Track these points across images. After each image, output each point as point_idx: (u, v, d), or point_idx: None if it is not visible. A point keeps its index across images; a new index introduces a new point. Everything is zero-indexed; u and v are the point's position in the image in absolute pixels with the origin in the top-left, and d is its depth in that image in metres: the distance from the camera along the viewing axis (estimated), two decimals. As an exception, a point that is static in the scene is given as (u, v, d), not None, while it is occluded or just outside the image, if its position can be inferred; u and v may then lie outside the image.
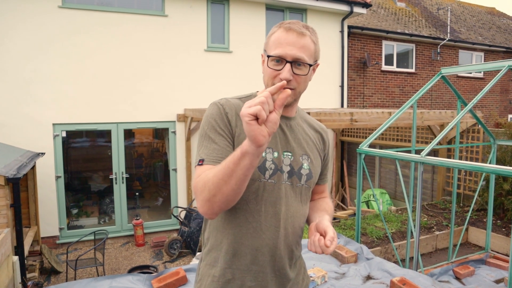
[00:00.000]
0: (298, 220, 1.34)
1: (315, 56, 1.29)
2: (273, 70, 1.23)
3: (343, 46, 8.89)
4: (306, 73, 1.24)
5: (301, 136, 1.38)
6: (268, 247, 1.27)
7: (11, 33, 6.16)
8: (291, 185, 1.31)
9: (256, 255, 1.27)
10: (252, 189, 1.24)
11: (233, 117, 1.26)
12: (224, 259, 1.28)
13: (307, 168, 1.35)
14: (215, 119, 1.25)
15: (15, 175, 3.92)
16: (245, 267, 1.27)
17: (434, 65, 11.44)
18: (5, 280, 3.52)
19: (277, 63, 1.22)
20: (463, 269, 4.17)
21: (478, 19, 14.67)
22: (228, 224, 1.28)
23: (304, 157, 1.35)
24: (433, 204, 6.78)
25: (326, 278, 2.81)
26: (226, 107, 1.27)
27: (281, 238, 1.28)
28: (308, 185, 1.36)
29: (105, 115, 6.82)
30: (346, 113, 5.53)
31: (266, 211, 1.26)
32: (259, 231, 1.26)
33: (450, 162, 3.25)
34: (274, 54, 1.21)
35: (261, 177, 1.24)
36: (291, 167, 1.31)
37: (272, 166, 1.27)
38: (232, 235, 1.27)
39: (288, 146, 1.32)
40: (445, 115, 6.50)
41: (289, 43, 1.21)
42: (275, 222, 1.27)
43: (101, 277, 2.68)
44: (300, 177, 1.33)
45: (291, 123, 1.37)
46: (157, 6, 7.16)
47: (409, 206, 3.79)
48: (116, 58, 6.84)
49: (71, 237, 6.65)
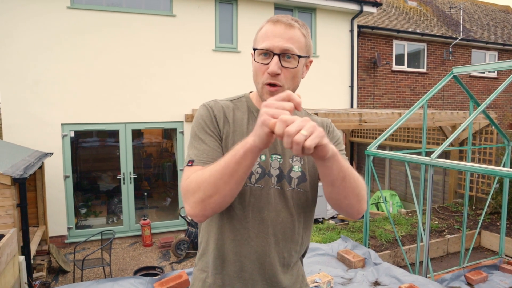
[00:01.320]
0: (290, 226, 1.25)
1: (307, 50, 1.20)
2: (261, 65, 1.16)
3: (352, 45, 8.78)
4: (295, 66, 1.16)
5: None
6: (256, 254, 1.22)
7: (20, 34, 6.20)
8: (281, 189, 1.23)
9: (244, 262, 1.23)
10: (239, 194, 1.17)
11: (221, 119, 1.23)
12: (214, 264, 1.25)
13: (299, 170, 1.26)
14: (204, 120, 1.22)
15: (22, 175, 3.92)
16: (235, 273, 1.23)
17: (446, 65, 11.24)
18: (11, 280, 3.52)
19: (264, 56, 1.16)
20: (475, 274, 4.05)
21: (492, 17, 14.39)
22: (218, 229, 1.24)
23: (294, 158, 1.26)
24: (445, 207, 6.63)
25: (332, 284, 2.73)
26: (215, 109, 1.24)
27: (271, 246, 1.23)
28: (301, 189, 1.26)
29: (113, 115, 6.83)
30: (355, 114, 5.44)
31: (253, 217, 1.21)
32: (247, 238, 1.21)
33: (461, 165, 3.15)
34: (261, 47, 1.15)
35: (247, 182, 1.19)
36: (280, 170, 1.24)
37: (259, 169, 1.21)
38: (220, 240, 1.23)
39: (277, 148, 1.25)
40: (457, 116, 6.36)
41: (276, 35, 1.14)
42: (263, 229, 1.21)
43: (103, 279, 2.65)
44: (290, 180, 1.25)
45: None
46: (165, 6, 7.15)
47: (418, 209, 3.69)
48: (124, 58, 6.85)
49: (79, 237, 6.67)
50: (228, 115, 1.24)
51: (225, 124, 1.23)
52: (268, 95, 1.15)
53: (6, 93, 6.18)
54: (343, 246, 3.39)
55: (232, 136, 1.22)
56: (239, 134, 1.21)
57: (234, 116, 1.25)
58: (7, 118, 6.23)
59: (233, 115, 1.25)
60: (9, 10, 6.11)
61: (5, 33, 6.11)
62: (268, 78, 1.15)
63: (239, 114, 1.26)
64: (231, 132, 1.22)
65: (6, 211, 3.83)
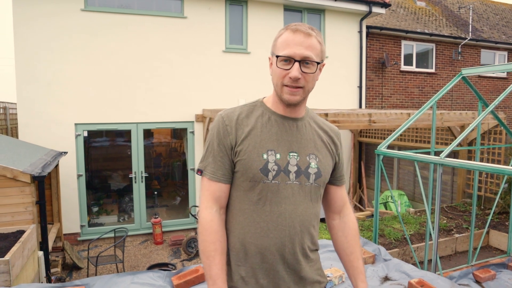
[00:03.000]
0: (308, 218, 1.38)
1: (321, 56, 1.35)
2: (282, 70, 1.29)
3: (361, 46, 8.83)
4: (314, 71, 1.31)
5: (308, 136, 1.42)
6: (276, 246, 1.32)
7: (35, 36, 6.35)
8: (300, 185, 1.35)
9: (265, 253, 1.33)
10: (256, 190, 1.32)
11: (233, 128, 1.36)
12: (237, 257, 1.36)
13: (315, 167, 1.39)
14: (217, 132, 1.37)
15: (40, 173, 4.05)
16: (256, 265, 1.33)
17: (454, 65, 11.23)
18: (31, 274, 3.65)
19: (285, 63, 1.29)
20: (483, 272, 4.09)
21: (501, 17, 14.32)
22: (237, 225, 1.36)
23: (311, 156, 1.39)
24: (453, 206, 6.67)
25: (344, 279, 2.81)
26: (227, 119, 1.37)
27: (289, 237, 1.34)
28: (318, 184, 1.40)
29: (125, 115, 6.96)
30: (364, 114, 5.50)
31: (271, 211, 1.32)
32: (266, 230, 1.32)
33: (470, 164, 3.21)
34: (283, 54, 1.28)
35: (264, 179, 1.31)
36: (298, 166, 1.36)
37: (275, 167, 1.33)
38: (242, 235, 1.35)
39: (293, 147, 1.37)
40: (465, 116, 6.39)
41: (296, 43, 1.27)
42: (282, 221, 1.33)
43: (123, 273, 2.75)
44: (308, 176, 1.37)
45: (298, 123, 1.41)
46: (176, 8, 7.27)
47: (428, 208, 3.75)
48: (135, 59, 6.97)
49: (92, 234, 6.81)
50: (241, 122, 1.37)
51: (237, 132, 1.36)
52: (288, 95, 1.32)
53: (22, 93, 6.35)
54: (353, 243, 3.47)
55: (247, 138, 1.34)
56: (254, 137, 1.34)
57: (248, 121, 1.38)
58: (23, 117, 6.39)
59: (247, 121, 1.38)
60: (24, 12, 6.26)
61: (20, 35, 6.27)
62: (289, 81, 1.30)
63: (253, 119, 1.38)
64: (245, 135, 1.35)
65: (26, 208, 3.96)
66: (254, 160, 1.31)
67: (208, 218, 1.32)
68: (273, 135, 1.36)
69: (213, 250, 1.29)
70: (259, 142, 1.34)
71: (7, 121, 8.73)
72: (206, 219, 1.32)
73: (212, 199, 1.35)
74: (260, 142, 1.34)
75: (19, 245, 3.32)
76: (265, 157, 1.32)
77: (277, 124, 1.38)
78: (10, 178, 3.88)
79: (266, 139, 1.35)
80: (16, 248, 3.24)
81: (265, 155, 1.32)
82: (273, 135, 1.36)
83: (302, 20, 8.30)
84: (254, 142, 1.34)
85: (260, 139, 1.34)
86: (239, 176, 1.34)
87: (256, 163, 1.31)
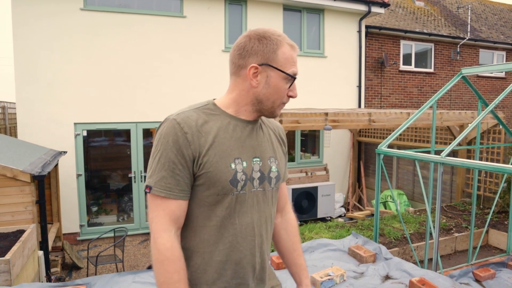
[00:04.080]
0: (270, 223, 1.35)
1: None
2: (286, 89, 1.24)
3: (360, 46, 8.84)
4: None
5: (266, 138, 1.34)
6: (246, 258, 1.25)
7: (34, 35, 6.33)
8: (263, 191, 1.29)
9: (236, 269, 1.24)
10: (225, 204, 1.20)
11: (194, 136, 1.17)
12: (204, 278, 1.24)
13: (276, 170, 1.33)
14: (173, 141, 1.16)
15: (40, 173, 4.05)
16: (227, 283, 1.24)
17: (453, 65, 11.26)
18: (32, 274, 3.65)
19: (287, 81, 1.23)
20: (483, 271, 4.11)
21: (500, 17, 14.36)
22: (201, 243, 1.23)
23: (271, 159, 1.33)
24: (452, 206, 6.68)
25: (345, 277, 2.82)
26: (185, 126, 1.17)
27: (258, 246, 1.28)
28: (276, 187, 1.35)
29: (125, 114, 6.95)
30: (364, 114, 5.51)
31: (240, 223, 1.23)
32: (236, 244, 1.23)
33: (471, 163, 3.22)
34: (291, 73, 1.22)
35: (233, 190, 1.20)
36: (261, 172, 1.28)
37: (243, 177, 1.22)
38: (208, 254, 1.22)
39: (256, 151, 1.28)
40: (465, 116, 6.41)
41: (295, 61, 1.23)
42: (249, 232, 1.25)
43: (124, 272, 2.75)
44: (270, 181, 1.31)
45: (256, 126, 1.31)
46: (176, 7, 7.26)
47: (428, 207, 3.76)
48: (135, 58, 6.97)
49: (91, 234, 6.80)
50: (202, 129, 1.19)
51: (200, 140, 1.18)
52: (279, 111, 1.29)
53: (21, 93, 6.33)
54: (354, 242, 3.48)
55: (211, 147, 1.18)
56: (219, 145, 1.19)
57: (207, 128, 1.20)
58: (22, 117, 6.37)
59: (206, 127, 1.20)
60: (23, 12, 6.25)
61: (19, 35, 6.25)
62: (287, 100, 1.27)
63: (212, 125, 1.22)
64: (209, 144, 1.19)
65: (25, 207, 3.95)
66: (223, 171, 1.18)
67: (167, 245, 1.14)
68: (237, 141, 1.23)
69: (177, 281, 1.13)
70: (225, 150, 1.20)
71: (5, 120, 8.71)
72: (165, 245, 1.13)
73: (169, 220, 1.16)
74: (225, 151, 1.20)
75: (20, 245, 3.32)
76: (233, 166, 1.20)
77: (239, 129, 1.25)
78: (10, 177, 3.87)
79: (231, 147, 1.22)
80: (17, 248, 3.23)
81: (233, 164, 1.20)
82: (236, 141, 1.23)
83: (302, 20, 8.30)
84: (220, 151, 1.19)
85: (225, 147, 1.20)
86: (203, 190, 1.19)
87: (225, 174, 1.18)
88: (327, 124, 5.31)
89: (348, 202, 8.78)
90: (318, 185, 7.15)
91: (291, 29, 8.23)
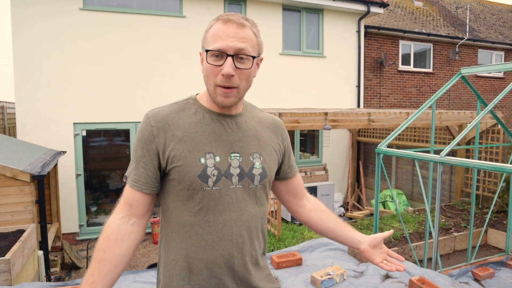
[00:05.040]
0: (255, 223, 1.26)
1: (258, 49, 1.21)
2: (214, 66, 1.15)
3: (359, 46, 8.86)
4: (249, 66, 1.16)
5: (251, 132, 1.28)
6: (223, 258, 1.19)
7: (34, 35, 6.33)
8: (244, 188, 1.22)
9: (212, 268, 1.19)
10: (196, 199, 1.17)
11: (160, 130, 1.19)
12: (180, 276, 1.21)
13: (260, 167, 1.25)
14: (141, 134, 1.21)
15: (40, 173, 4.04)
16: (203, 281, 1.20)
17: (452, 65, 11.29)
18: (31, 273, 3.65)
19: (217, 58, 1.14)
20: (482, 271, 4.12)
21: (498, 17, 14.40)
22: (177, 239, 1.21)
23: (255, 155, 1.26)
24: (451, 206, 6.70)
25: (345, 276, 2.83)
26: (153, 120, 1.20)
27: (238, 247, 1.21)
28: (262, 185, 1.27)
29: (124, 114, 6.95)
30: (363, 113, 5.52)
31: (215, 220, 1.18)
32: (211, 242, 1.19)
33: (471, 162, 3.23)
34: (214, 47, 1.13)
35: (204, 186, 1.17)
36: (241, 168, 1.22)
37: (215, 172, 1.18)
38: (184, 249, 1.20)
39: (235, 147, 1.23)
40: (464, 116, 6.43)
41: (229, 35, 1.13)
42: (227, 231, 1.20)
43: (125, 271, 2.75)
44: (253, 178, 1.24)
45: (237, 120, 1.27)
46: (175, 7, 7.27)
47: (428, 206, 3.77)
48: (134, 58, 6.96)
49: (90, 234, 6.80)
50: (171, 123, 1.20)
51: (166, 135, 1.19)
52: (222, 97, 1.17)
53: (21, 92, 6.32)
54: (354, 241, 3.49)
55: (180, 142, 1.18)
56: (188, 140, 1.19)
57: (180, 121, 1.21)
58: (21, 117, 6.36)
59: (178, 121, 1.21)
60: (22, 11, 6.24)
61: (19, 34, 6.24)
62: (222, 80, 1.15)
63: (186, 119, 1.22)
64: (178, 138, 1.19)
65: (25, 207, 3.95)
66: (191, 166, 1.16)
67: (108, 223, 1.18)
68: (210, 136, 1.21)
69: (95, 258, 1.15)
70: (195, 144, 1.18)
71: (4, 120, 8.69)
72: (107, 224, 1.18)
73: (124, 205, 1.20)
74: (196, 145, 1.18)
75: (20, 244, 3.32)
76: (203, 161, 1.17)
77: (214, 123, 1.23)
78: (9, 177, 3.87)
79: (203, 141, 1.19)
80: (17, 247, 3.23)
81: (202, 159, 1.17)
82: (210, 136, 1.21)
83: (301, 20, 8.32)
84: (189, 145, 1.18)
85: (195, 142, 1.19)
86: (175, 185, 1.19)
87: (193, 169, 1.16)
88: (327, 124, 5.32)
89: (347, 202, 8.79)
90: (317, 185, 7.16)
91: (291, 29, 8.25)
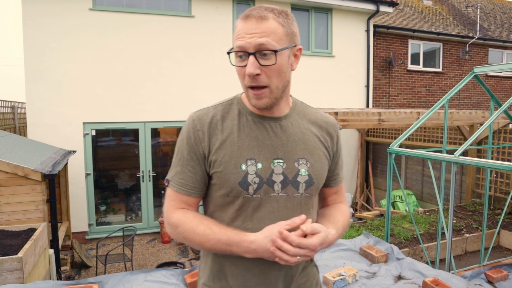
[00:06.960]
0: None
1: (289, 39, 1.11)
2: (240, 68, 1.09)
3: (368, 45, 8.80)
4: (274, 62, 1.06)
5: (297, 136, 1.19)
6: (259, 268, 1.15)
7: (44, 36, 6.38)
8: (287, 196, 1.15)
9: (247, 276, 1.17)
10: (235, 206, 1.14)
11: (205, 134, 1.16)
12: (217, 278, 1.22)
13: (306, 173, 1.17)
14: (187, 137, 1.18)
15: (51, 172, 4.06)
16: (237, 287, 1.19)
17: (462, 64, 11.16)
18: (43, 272, 3.66)
19: (241, 58, 1.08)
20: (495, 273, 4.05)
21: (509, 16, 14.22)
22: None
23: (300, 161, 1.17)
24: (462, 206, 6.62)
25: (357, 277, 2.80)
26: (198, 123, 1.17)
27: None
28: (309, 193, 1.19)
29: (133, 114, 6.97)
30: (374, 113, 5.47)
31: (253, 228, 1.12)
32: None
33: (486, 163, 3.18)
34: (234, 48, 1.07)
35: (243, 193, 1.12)
36: (284, 175, 1.15)
37: (257, 179, 1.12)
38: (220, 257, 1.19)
39: (278, 153, 1.16)
40: (475, 115, 6.35)
41: (248, 31, 1.05)
42: None
43: (136, 271, 2.75)
44: (298, 185, 1.16)
45: (282, 123, 1.19)
46: (184, 7, 7.27)
47: (440, 206, 3.72)
48: (143, 58, 6.98)
49: (100, 233, 6.83)
50: (215, 126, 1.16)
51: (211, 138, 1.16)
52: (255, 99, 1.11)
53: (31, 92, 6.37)
54: (366, 242, 3.45)
55: (222, 146, 1.14)
56: (230, 144, 1.14)
57: (223, 125, 1.17)
58: (32, 117, 6.41)
59: (222, 125, 1.17)
60: (33, 11, 6.28)
61: (29, 34, 6.29)
62: (249, 81, 1.08)
63: (229, 122, 1.17)
64: (220, 143, 1.15)
65: (36, 206, 3.97)
66: (231, 172, 1.11)
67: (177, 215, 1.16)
68: (253, 141, 1.14)
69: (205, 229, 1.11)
70: (237, 150, 1.13)
71: (15, 120, 8.78)
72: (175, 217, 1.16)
73: (178, 207, 1.18)
74: (237, 151, 1.13)
75: (31, 243, 3.33)
76: (244, 168, 1.12)
77: (257, 127, 1.16)
78: (21, 176, 3.89)
79: (245, 146, 1.14)
80: (29, 246, 3.25)
81: (244, 165, 1.12)
82: (252, 141, 1.14)
83: (310, 19, 8.28)
84: (230, 151, 1.13)
85: (237, 147, 1.13)
86: (217, 189, 1.16)
87: (233, 176, 1.11)
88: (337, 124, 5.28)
89: (356, 202, 8.73)
90: (326, 185, 7.10)
91: (299, 29, 8.16)
